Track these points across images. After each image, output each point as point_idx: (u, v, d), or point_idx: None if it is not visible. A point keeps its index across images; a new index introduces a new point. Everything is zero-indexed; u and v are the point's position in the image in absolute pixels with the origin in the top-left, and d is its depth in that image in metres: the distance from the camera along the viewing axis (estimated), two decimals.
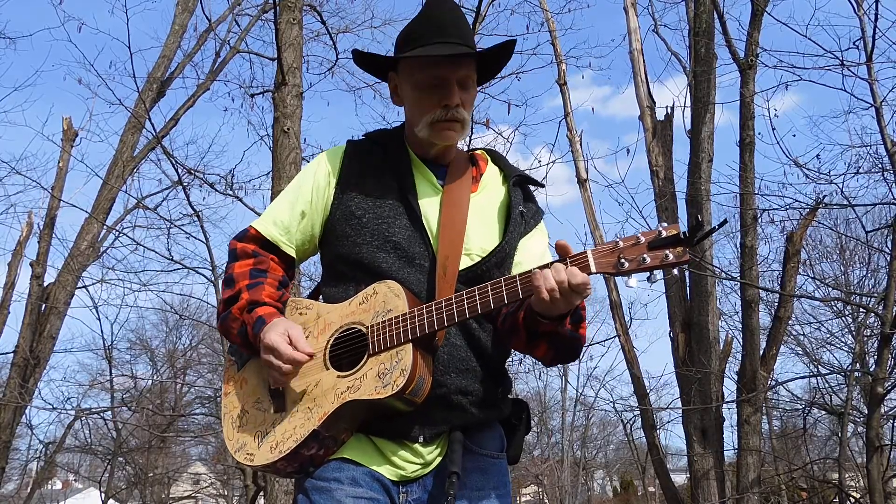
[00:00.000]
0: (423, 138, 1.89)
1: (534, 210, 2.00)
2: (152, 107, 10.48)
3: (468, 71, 1.87)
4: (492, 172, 2.00)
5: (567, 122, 9.83)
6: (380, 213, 1.85)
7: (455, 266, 1.79)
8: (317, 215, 1.92)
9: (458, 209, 1.85)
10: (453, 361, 1.79)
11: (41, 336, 10.27)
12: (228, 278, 1.89)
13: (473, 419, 1.81)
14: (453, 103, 1.83)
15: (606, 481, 35.31)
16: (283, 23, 5.55)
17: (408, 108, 1.93)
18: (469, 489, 1.80)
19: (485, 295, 1.67)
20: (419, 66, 1.86)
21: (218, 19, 10.62)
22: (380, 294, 1.75)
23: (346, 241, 1.85)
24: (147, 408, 15.74)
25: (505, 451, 1.92)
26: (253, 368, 1.88)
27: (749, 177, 7.67)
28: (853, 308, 13.25)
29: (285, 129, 5.31)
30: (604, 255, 1.61)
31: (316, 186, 1.92)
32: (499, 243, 1.86)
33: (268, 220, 1.94)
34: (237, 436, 1.83)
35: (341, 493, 1.73)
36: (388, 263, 1.81)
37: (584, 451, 28.07)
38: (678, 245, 1.54)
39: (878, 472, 6.56)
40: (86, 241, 10.43)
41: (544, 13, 10.15)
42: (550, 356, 1.84)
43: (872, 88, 7.04)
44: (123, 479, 20.16)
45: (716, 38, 8.49)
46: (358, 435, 1.79)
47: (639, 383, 9.04)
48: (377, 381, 1.67)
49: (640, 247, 1.57)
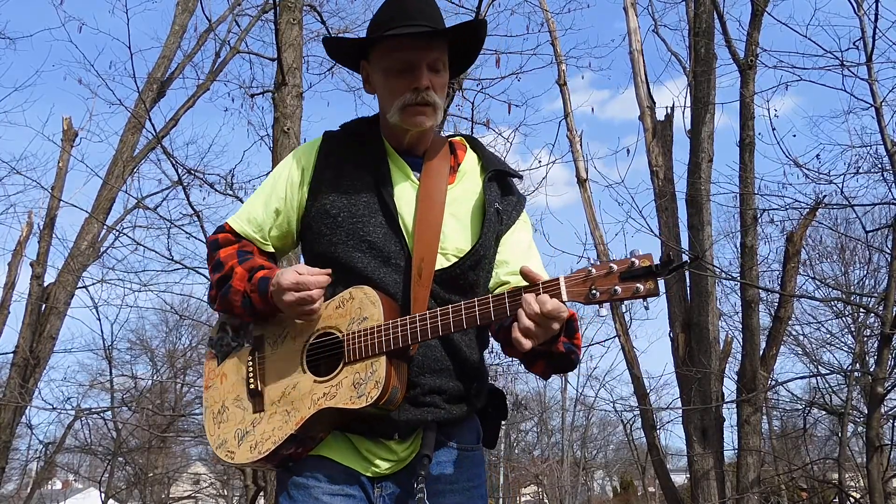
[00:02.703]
0: (395, 125, 1.86)
1: (514, 202, 1.97)
2: (152, 107, 10.48)
3: (438, 54, 1.84)
4: (470, 161, 1.97)
5: (567, 122, 9.83)
6: (354, 210, 1.83)
7: (430, 268, 1.79)
8: (292, 212, 1.91)
9: (433, 206, 1.83)
10: (428, 362, 1.80)
11: (41, 336, 10.27)
12: (216, 263, 1.88)
13: (447, 415, 1.82)
14: (423, 86, 1.81)
15: (606, 481, 35.31)
16: (283, 23, 5.55)
17: (380, 96, 1.90)
18: (442, 483, 1.82)
19: (458, 314, 1.68)
20: (388, 51, 1.84)
21: (218, 19, 10.64)
22: (356, 300, 1.76)
23: (323, 240, 1.85)
24: (147, 408, 15.74)
25: (480, 441, 1.93)
26: (231, 365, 1.90)
27: (749, 177, 7.67)
28: (853, 308, 13.24)
29: (285, 129, 5.31)
30: (576, 283, 1.61)
31: (290, 183, 1.90)
32: (472, 246, 1.84)
33: (242, 218, 1.94)
34: (218, 431, 1.87)
35: (318, 491, 1.78)
36: (364, 263, 1.80)
37: (584, 451, 28.08)
38: (650, 277, 1.54)
39: (878, 472, 6.56)
40: (86, 241, 10.43)
41: (544, 13, 10.15)
42: (549, 372, 1.84)
43: (872, 88, 7.05)
44: (123, 479, 20.16)
45: (716, 38, 8.50)
46: (335, 433, 1.82)
47: (639, 383, 9.04)
48: (352, 391, 1.71)
49: (612, 276, 1.57)
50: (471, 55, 1.98)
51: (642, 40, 9.86)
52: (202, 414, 1.95)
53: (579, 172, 9.62)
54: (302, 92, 5.52)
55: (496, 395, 1.97)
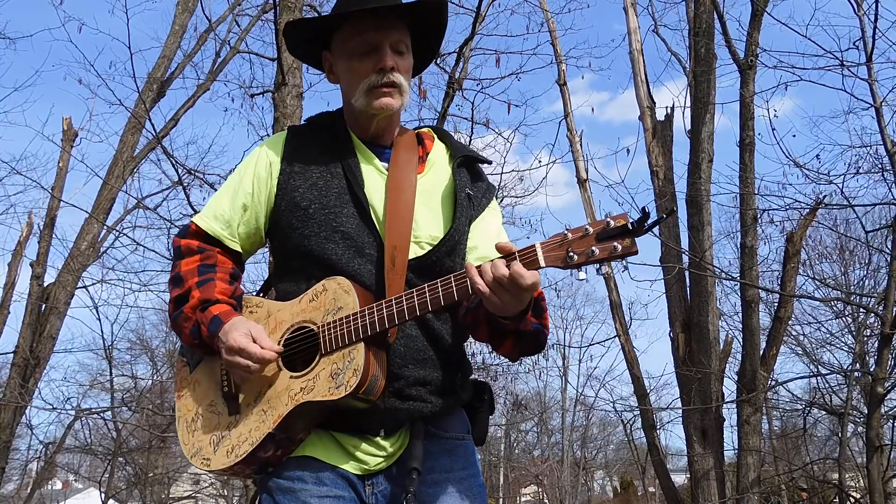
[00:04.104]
0: (361, 110, 1.83)
1: (484, 189, 1.94)
2: (152, 107, 10.47)
3: (400, 36, 1.83)
4: (438, 151, 1.94)
5: (567, 122, 9.83)
6: (325, 202, 1.80)
7: (404, 257, 1.75)
8: (260, 207, 1.86)
9: (404, 195, 1.80)
10: (410, 353, 1.76)
11: (41, 336, 10.26)
12: (175, 277, 1.83)
13: (433, 408, 1.78)
14: (388, 66, 1.78)
15: (606, 481, 35.32)
16: (283, 23, 5.55)
17: (343, 82, 1.88)
18: (437, 472, 1.78)
19: (434, 291, 1.63)
20: (349, 35, 1.82)
21: (218, 19, 10.62)
22: (329, 291, 1.73)
23: (294, 234, 1.81)
24: (147, 408, 15.71)
25: (470, 432, 1.90)
26: (204, 370, 1.84)
27: (749, 177, 7.67)
28: (853, 308, 13.26)
29: (285, 129, 5.31)
30: (552, 248, 1.56)
31: (257, 178, 1.87)
32: (447, 231, 1.82)
33: (208, 215, 1.88)
34: (192, 440, 1.80)
35: (306, 494, 1.72)
36: (338, 255, 1.77)
37: (584, 451, 28.10)
38: (626, 236, 1.50)
39: (878, 472, 6.57)
40: (86, 241, 10.42)
41: (544, 13, 10.15)
42: (517, 352, 1.79)
43: (872, 89, 7.06)
44: (123, 479, 20.16)
45: (716, 38, 8.50)
46: (319, 432, 1.76)
47: (639, 383, 9.04)
48: (330, 382, 1.66)
49: (588, 238, 1.53)
50: (433, 44, 1.96)
51: (642, 40, 9.87)
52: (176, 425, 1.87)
53: (579, 172, 9.62)
54: (302, 92, 5.52)
55: (482, 387, 1.93)
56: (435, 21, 1.90)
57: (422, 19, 1.87)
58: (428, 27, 1.91)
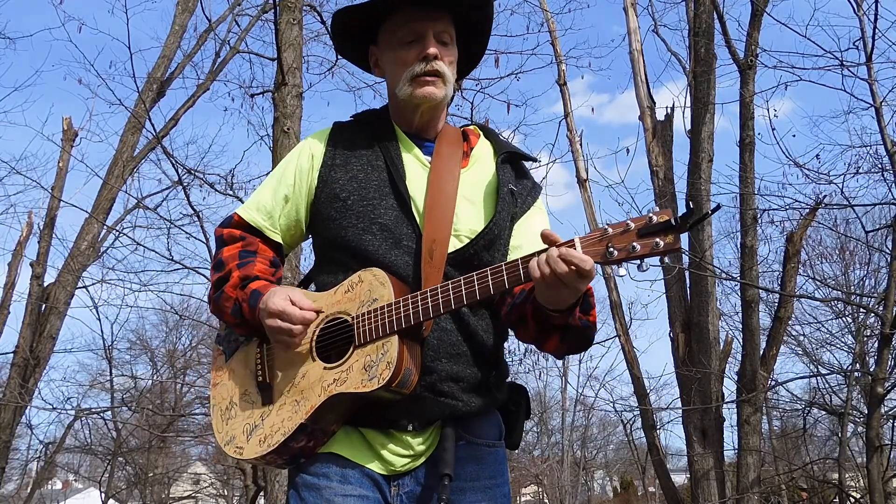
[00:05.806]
0: (405, 100, 1.84)
1: (529, 187, 1.93)
2: (152, 107, 10.47)
3: (445, 26, 1.84)
4: (483, 147, 1.94)
5: (567, 122, 9.83)
6: (364, 194, 1.80)
7: (443, 249, 1.73)
8: (301, 199, 1.88)
9: (446, 187, 1.80)
10: (444, 346, 1.73)
11: (41, 336, 10.27)
12: (217, 263, 1.86)
13: (465, 408, 1.75)
14: (431, 53, 1.80)
15: (606, 481, 35.31)
16: (282, 23, 5.55)
17: (389, 74, 1.89)
18: (463, 479, 1.75)
19: (471, 285, 1.61)
20: (395, 26, 1.84)
21: (218, 19, 10.62)
22: (365, 282, 1.71)
23: (332, 225, 1.81)
24: (147, 408, 15.73)
25: (503, 437, 1.86)
26: (239, 359, 1.85)
27: (749, 177, 7.67)
28: (853, 308, 13.25)
29: (285, 129, 5.32)
30: (592, 243, 1.53)
31: (299, 170, 1.88)
32: (486, 224, 1.80)
33: (251, 207, 1.91)
34: (226, 428, 1.81)
35: (330, 493, 1.70)
36: (375, 246, 1.76)
37: (584, 451, 28.08)
38: (669, 232, 1.47)
39: (878, 472, 6.57)
40: (86, 241, 10.42)
41: (544, 13, 10.15)
42: (564, 348, 1.76)
43: (872, 88, 7.06)
44: (123, 479, 20.17)
45: (716, 38, 8.51)
46: (347, 428, 1.75)
47: (639, 383, 9.04)
48: (363, 374, 1.64)
49: (629, 234, 1.50)
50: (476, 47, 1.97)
51: (642, 40, 9.87)
52: (210, 413, 1.89)
53: (579, 172, 9.61)
54: (302, 92, 5.52)
55: (518, 390, 1.89)
56: (479, 17, 1.92)
57: (466, 16, 1.89)
58: (472, 24, 1.92)
